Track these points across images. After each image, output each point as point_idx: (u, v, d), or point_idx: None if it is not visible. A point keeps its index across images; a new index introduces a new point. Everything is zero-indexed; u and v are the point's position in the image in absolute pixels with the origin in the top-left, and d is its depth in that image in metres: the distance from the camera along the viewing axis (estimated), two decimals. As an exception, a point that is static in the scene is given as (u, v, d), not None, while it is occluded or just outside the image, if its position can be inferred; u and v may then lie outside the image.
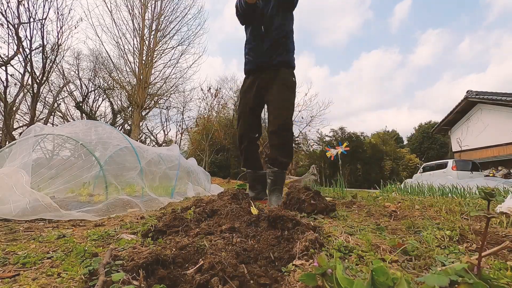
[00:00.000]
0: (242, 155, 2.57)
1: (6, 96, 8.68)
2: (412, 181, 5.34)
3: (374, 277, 0.47)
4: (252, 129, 2.52)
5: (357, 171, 27.33)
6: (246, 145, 2.52)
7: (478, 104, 14.41)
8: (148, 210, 2.50)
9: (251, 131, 2.51)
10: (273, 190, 2.30)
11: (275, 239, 1.00)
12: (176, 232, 1.20)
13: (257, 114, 2.58)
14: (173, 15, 12.89)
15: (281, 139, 2.30)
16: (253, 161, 2.58)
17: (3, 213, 1.84)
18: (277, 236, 1.02)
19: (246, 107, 2.51)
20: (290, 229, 1.07)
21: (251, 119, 2.52)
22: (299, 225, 1.09)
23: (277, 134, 2.30)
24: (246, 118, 2.51)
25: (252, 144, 2.55)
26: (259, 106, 2.57)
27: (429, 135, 30.45)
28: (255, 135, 2.53)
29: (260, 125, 2.62)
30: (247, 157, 2.55)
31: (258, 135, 2.56)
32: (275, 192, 2.28)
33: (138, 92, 11.89)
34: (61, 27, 9.37)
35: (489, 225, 0.68)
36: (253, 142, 2.54)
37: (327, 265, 0.56)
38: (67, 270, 0.86)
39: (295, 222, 1.10)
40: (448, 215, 1.64)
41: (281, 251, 0.89)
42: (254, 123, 2.54)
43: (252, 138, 2.52)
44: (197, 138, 21.89)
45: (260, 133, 2.58)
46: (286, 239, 0.99)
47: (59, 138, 3.64)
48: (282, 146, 2.32)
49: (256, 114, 2.56)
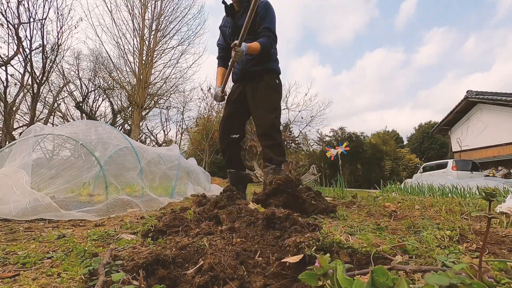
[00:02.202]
0: (224, 155, 2.63)
1: (6, 96, 8.68)
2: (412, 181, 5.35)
3: (374, 277, 0.47)
4: (233, 130, 2.57)
5: (357, 171, 27.34)
6: (228, 145, 2.58)
7: (478, 104, 14.40)
8: (148, 210, 2.50)
9: (232, 132, 2.57)
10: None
11: (274, 239, 1.00)
12: (176, 232, 1.20)
13: (239, 115, 2.63)
14: (173, 15, 12.91)
15: (271, 140, 2.39)
16: (237, 161, 2.64)
17: (3, 213, 1.84)
18: (276, 236, 1.02)
19: (228, 109, 2.62)
20: (288, 228, 1.07)
21: (233, 120, 2.59)
22: (297, 224, 1.09)
23: (266, 135, 2.39)
24: (227, 118, 2.60)
25: (234, 144, 2.60)
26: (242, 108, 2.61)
27: (429, 135, 30.44)
28: (236, 136, 2.57)
29: (242, 126, 2.67)
30: (230, 158, 2.61)
31: (239, 136, 2.60)
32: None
33: (138, 92, 11.89)
34: (61, 27, 9.38)
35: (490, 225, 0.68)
36: (234, 142, 2.60)
37: (328, 265, 0.56)
38: (67, 270, 0.86)
39: (293, 222, 1.10)
40: (448, 215, 1.65)
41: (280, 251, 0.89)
42: (235, 124, 2.60)
43: (233, 138, 2.57)
44: (197, 138, 21.87)
45: (242, 134, 2.63)
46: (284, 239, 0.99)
47: (59, 138, 3.64)
48: (273, 146, 2.40)
49: (238, 115, 2.62)
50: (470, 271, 0.59)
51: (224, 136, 2.58)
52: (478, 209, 1.82)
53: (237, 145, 2.65)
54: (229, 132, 2.56)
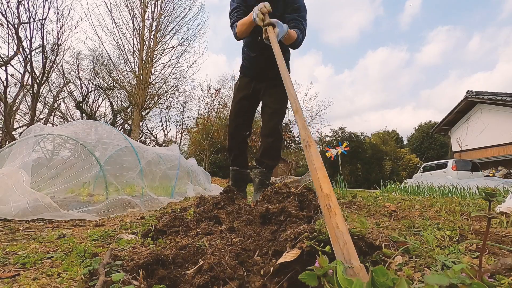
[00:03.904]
0: (232, 152, 2.58)
1: (6, 96, 8.68)
2: (412, 181, 5.34)
3: (374, 278, 0.47)
4: (245, 127, 2.54)
5: (357, 171, 27.33)
6: (238, 143, 2.55)
7: (478, 104, 14.40)
8: (148, 210, 2.50)
9: (243, 129, 2.53)
10: (260, 188, 2.39)
11: (271, 233, 1.01)
12: (176, 232, 1.20)
13: (251, 113, 2.60)
14: (173, 15, 12.91)
15: (272, 142, 2.39)
16: (242, 159, 2.61)
17: (3, 213, 1.84)
18: (272, 231, 1.03)
19: (240, 105, 2.51)
20: (283, 222, 1.08)
21: (245, 117, 2.54)
22: (291, 216, 1.09)
23: (269, 136, 2.38)
24: (239, 115, 2.52)
25: (243, 142, 2.58)
26: (253, 106, 2.59)
27: (429, 135, 30.46)
28: (246, 133, 2.56)
29: (251, 124, 2.65)
30: (237, 155, 2.57)
31: (248, 134, 2.59)
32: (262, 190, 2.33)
33: (138, 92, 11.89)
34: (61, 27, 9.40)
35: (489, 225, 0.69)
36: (244, 140, 2.58)
37: (328, 265, 0.56)
38: (67, 270, 0.86)
39: (288, 214, 1.11)
40: (448, 215, 1.64)
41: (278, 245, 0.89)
42: (247, 122, 2.57)
43: (243, 136, 2.55)
44: (197, 138, 21.88)
45: (250, 132, 2.62)
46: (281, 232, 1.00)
47: (59, 138, 3.64)
48: (271, 149, 2.41)
49: (250, 113, 2.59)
50: (470, 271, 0.59)
51: (235, 134, 2.52)
52: (478, 209, 1.82)
53: (246, 143, 2.63)
54: (240, 129, 2.52)
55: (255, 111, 2.66)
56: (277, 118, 2.40)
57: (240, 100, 2.51)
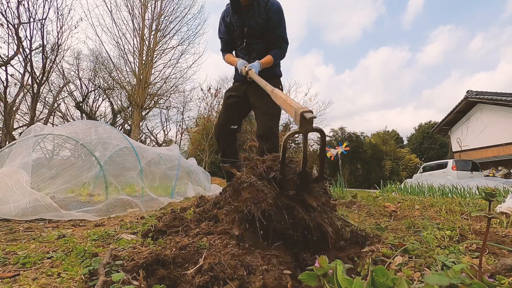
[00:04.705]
0: (220, 146, 2.63)
1: (6, 96, 8.68)
2: (412, 181, 5.35)
3: (374, 278, 0.47)
4: (234, 120, 2.57)
5: (357, 171, 27.33)
6: (226, 134, 2.58)
7: (478, 104, 14.40)
8: (148, 210, 2.50)
9: (232, 122, 2.56)
10: None
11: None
12: (176, 232, 1.20)
13: (240, 110, 2.63)
14: (173, 15, 12.90)
15: (267, 144, 2.39)
16: (231, 151, 2.63)
17: (3, 213, 1.84)
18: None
19: (230, 100, 2.59)
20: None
21: (234, 111, 2.58)
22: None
23: (263, 137, 2.41)
24: (229, 109, 2.57)
25: (231, 134, 2.60)
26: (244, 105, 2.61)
27: (429, 135, 30.44)
28: (235, 127, 2.58)
29: (241, 120, 2.68)
30: (225, 150, 2.61)
31: (237, 128, 2.61)
32: None
33: (138, 92, 11.89)
34: (61, 27, 9.39)
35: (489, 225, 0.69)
36: (232, 133, 2.60)
37: (328, 265, 0.56)
38: (67, 270, 0.86)
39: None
40: (448, 215, 1.64)
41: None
42: (236, 115, 2.60)
43: (232, 129, 2.57)
44: (197, 138, 21.88)
45: (239, 126, 2.64)
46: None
47: (59, 138, 3.64)
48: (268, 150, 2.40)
49: (240, 110, 2.62)
50: (470, 271, 0.59)
51: (224, 125, 2.57)
52: (478, 209, 1.82)
53: (234, 136, 2.65)
54: (229, 121, 2.56)
55: (246, 112, 2.69)
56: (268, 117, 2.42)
57: (230, 96, 2.60)
